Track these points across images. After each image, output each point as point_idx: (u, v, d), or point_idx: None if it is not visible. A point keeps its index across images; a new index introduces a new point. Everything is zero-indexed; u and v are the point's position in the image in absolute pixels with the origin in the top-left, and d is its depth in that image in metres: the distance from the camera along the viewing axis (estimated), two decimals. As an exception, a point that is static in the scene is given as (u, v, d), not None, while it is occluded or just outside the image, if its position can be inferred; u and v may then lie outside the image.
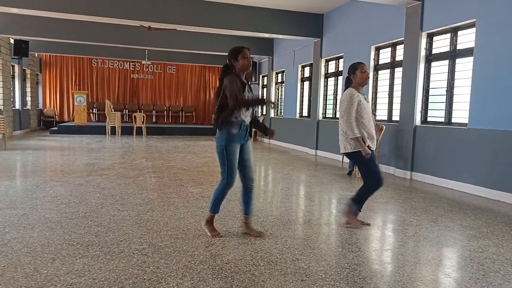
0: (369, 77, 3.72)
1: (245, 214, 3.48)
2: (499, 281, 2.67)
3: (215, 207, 3.39)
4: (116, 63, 17.97)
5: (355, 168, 6.77)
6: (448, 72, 6.29)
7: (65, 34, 11.36)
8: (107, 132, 14.23)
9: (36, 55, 16.06)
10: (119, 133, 14.24)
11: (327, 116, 10.21)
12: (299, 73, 11.74)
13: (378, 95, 8.18)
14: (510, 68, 5.17)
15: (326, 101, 10.25)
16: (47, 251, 2.94)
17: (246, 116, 3.27)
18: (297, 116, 11.77)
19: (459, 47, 6.16)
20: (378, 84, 8.19)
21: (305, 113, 11.49)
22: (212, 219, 3.44)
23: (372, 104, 4.37)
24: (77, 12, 8.51)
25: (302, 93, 11.71)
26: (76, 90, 16.61)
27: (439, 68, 6.54)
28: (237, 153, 3.27)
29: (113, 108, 15.04)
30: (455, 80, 6.23)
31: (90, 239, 3.21)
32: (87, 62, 17.62)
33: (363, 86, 3.73)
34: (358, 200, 3.76)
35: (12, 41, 12.34)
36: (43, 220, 3.71)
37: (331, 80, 10.03)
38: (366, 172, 3.74)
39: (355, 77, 3.68)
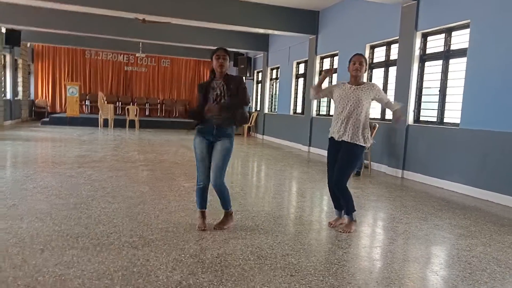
0: (358, 69, 3.60)
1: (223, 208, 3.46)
2: (485, 279, 2.71)
3: (197, 203, 3.46)
4: (109, 55, 17.80)
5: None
6: (441, 72, 6.33)
7: (59, 24, 11.20)
8: (99, 124, 14.11)
9: (29, 45, 15.84)
10: (112, 126, 14.13)
11: (320, 113, 10.23)
12: (294, 69, 11.74)
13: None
14: (503, 70, 5.22)
15: (320, 98, 10.25)
16: (36, 242, 2.92)
17: (213, 116, 3.25)
18: (291, 112, 11.78)
19: (453, 47, 6.20)
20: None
21: (299, 109, 11.50)
22: (200, 214, 3.45)
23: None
24: (71, 2, 8.39)
25: (296, 89, 11.71)
26: (68, 81, 16.42)
27: (433, 68, 6.58)
28: (200, 148, 3.32)
29: (106, 100, 14.92)
30: (448, 80, 6.27)
31: (80, 231, 3.20)
32: (80, 54, 17.42)
33: (355, 77, 3.63)
34: (350, 206, 3.62)
35: (3, 30, 12.15)
36: (33, 211, 3.68)
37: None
38: (351, 167, 3.67)
39: (348, 68, 3.69)
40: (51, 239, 2.98)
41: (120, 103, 17.71)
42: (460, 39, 6.04)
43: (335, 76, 8.89)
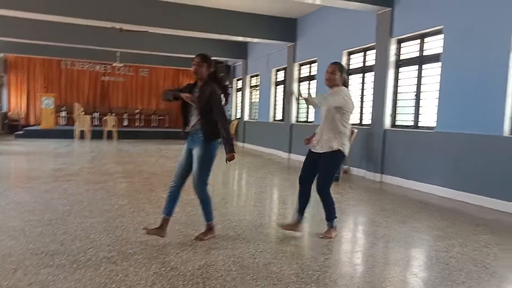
0: (326, 77, 3.63)
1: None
2: (462, 279, 2.76)
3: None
4: (86, 65, 17.48)
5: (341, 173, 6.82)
6: (416, 77, 6.50)
7: (32, 34, 10.93)
8: (75, 136, 13.80)
9: (1, 56, 15.40)
10: (89, 137, 13.85)
11: (300, 120, 10.31)
12: (273, 76, 11.82)
13: (350, 99, 8.33)
14: (475, 74, 5.39)
15: (299, 105, 10.36)
16: (8, 261, 2.80)
17: (190, 122, 3.32)
18: (271, 119, 11.83)
19: (426, 53, 6.38)
20: (350, 89, 8.34)
21: (278, 117, 11.57)
22: (161, 220, 3.39)
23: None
24: (45, 11, 8.23)
25: (276, 97, 11.78)
26: (43, 92, 16.02)
27: (408, 73, 6.74)
28: (183, 155, 3.39)
29: (83, 111, 14.62)
30: (422, 85, 6.43)
31: (56, 248, 3.09)
32: (55, 64, 17.04)
33: (327, 85, 3.66)
34: (331, 213, 3.63)
35: (-27, 41, 11.79)
36: (5, 228, 3.54)
37: (304, 84, 10.15)
38: (332, 174, 3.69)
39: None
40: (25, 258, 2.87)
41: (97, 113, 17.39)
42: (434, 45, 6.22)
43: (314, 82, 8.99)
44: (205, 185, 3.32)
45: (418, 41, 6.48)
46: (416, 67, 6.49)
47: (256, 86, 13.24)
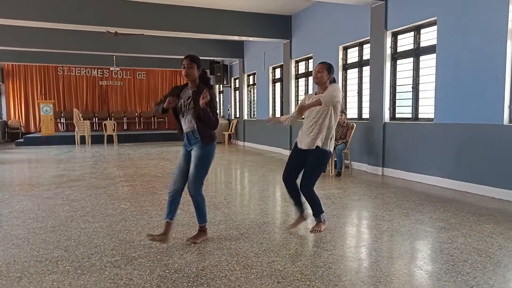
0: (315, 76, 3.64)
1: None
2: (467, 270, 2.76)
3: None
4: (83, 70, 17.48)
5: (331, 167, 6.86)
6: (413, 70, 6.49)
7: (28, 42, 10.93)
8: (76, 142, 13.81)
9: (-2, 65, 15.42)
10: (89, 142, 13.85)
11: (299, 116, 10.28)
12: (270, 74, 11.81)
13: (348, 93, 8.33)
14: (470, 64, 5.38)
15: (297, 102, 10.35)
16: (13, 269, 2.81)
17: (184, 125, 3.31)
18: (270, 117, 11.79)
19: (422, 44, 6.37)
20: (348, 83, 8.35)
21: (277, 114, 11.55)
22: (165, 225, 3.34)
23: (342, 103, 4.42)
24: (40, 19, 8.21)
25: (274, 94, 11.78)
26: (42, 99, 16.01)
27: (404, 66, 6.73)
28: (180, 156, 3.38)
29: (82, 116, 14.62)
30: (420, 77, 6.43)
31: (60, 254, 3.10)
32: (52, 70, 17.03)
33: (317, 84, 3.67)
34: (319, 208, 3.67)
35: (-30, 51, 11.79)
36: (9, 237, 3.55)
37: (301, 81, 10.14)
38: (319, 171, 3.71)
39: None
40: (29, 266, 2.88)
41: (97, 118, 17.39)
42: (429, 36, 6.21)
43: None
44: (201, 186, 3.31)
45: (413, 33, 6.47)
46: (412, 59, 6.48)
47: (253, 84, 13.23)
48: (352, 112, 8.16)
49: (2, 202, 4.98)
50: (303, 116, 3.80)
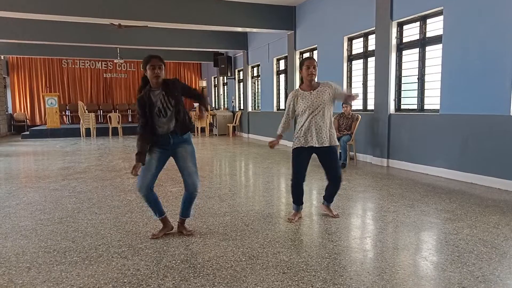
0: (313, 74, 3.54)
1: (181, 216, 3.37)
2: (473, 261, 2.76)
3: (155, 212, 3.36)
4: (87, 63, 17.52)
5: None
6: (418, 60, 6.43)
7: (32, 35, 10.95)
8: (81, 134, 13.88)
9: (2, 58, 15.46)
10: (94, 135, 13.92)
11: (304, 108, 10.25)
12: (275, 66, 11.75)
13: (353, 85, 8.28)
14: (477, 54, 5.32)
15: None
16: (22, 260, 2.85)
17: (164, 126, 3.12)
18: (275, 109, 11.79)
19: (428, 35, 6.30)
20: (352, 74, 8.29)
21: (282, 106, 11.52)
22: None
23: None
24: (44, 11, 8.21)
25: (278, 86, 11.73)
26: (46, 92, 16.09)
27: (410, 56, 6.67)
28: (155, 161, 3.16)
29: (86, 109, 14.68)
30: (425, 68, 6.37)
31: (67, 245, 3.14)
32: (57, 63, 17.09)
33: (310, 82, 3.59)
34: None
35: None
36: (17, 228, 3.60)
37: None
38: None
39: (301, 73, 3.64)
40: (38, 256, 2.92)
41: (101, 111, 17.46)
42: (435, 26, 6.13)
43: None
44: None
45: (419, 23, 6.39)
46: (418, 49, 6.42)
47: (258, 76, 13.18)
48: (357, 104, 8.11)
49: (10, 194, 5.04)
50: (297, 114, 3.73)
